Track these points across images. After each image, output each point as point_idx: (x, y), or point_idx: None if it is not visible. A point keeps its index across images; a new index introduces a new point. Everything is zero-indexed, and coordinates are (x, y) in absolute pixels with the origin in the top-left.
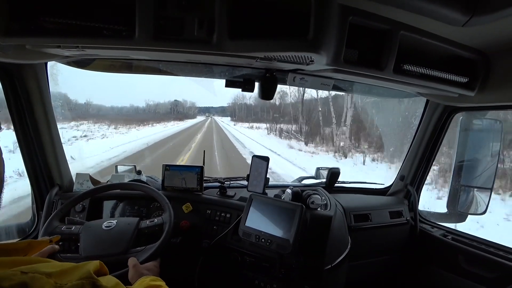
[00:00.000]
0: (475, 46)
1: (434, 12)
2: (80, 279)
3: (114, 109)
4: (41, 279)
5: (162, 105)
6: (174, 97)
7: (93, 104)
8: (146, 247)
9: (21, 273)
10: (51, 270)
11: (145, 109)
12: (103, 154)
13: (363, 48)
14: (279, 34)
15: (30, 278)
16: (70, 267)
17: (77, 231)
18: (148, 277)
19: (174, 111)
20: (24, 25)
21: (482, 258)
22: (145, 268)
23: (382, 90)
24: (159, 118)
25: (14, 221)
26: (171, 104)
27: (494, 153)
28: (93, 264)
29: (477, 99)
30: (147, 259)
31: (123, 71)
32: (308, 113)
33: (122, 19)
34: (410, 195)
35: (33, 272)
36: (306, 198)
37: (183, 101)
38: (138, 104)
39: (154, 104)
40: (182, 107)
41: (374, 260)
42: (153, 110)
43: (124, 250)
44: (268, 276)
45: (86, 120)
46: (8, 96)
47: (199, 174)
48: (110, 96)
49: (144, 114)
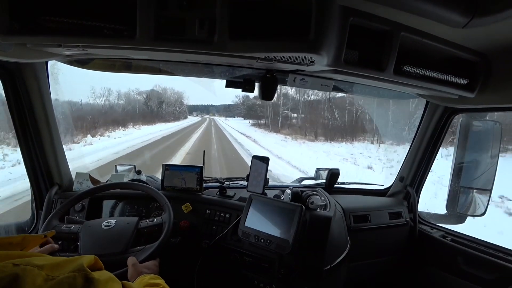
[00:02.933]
0: (475, 48)
1: (435, 13)
2: (73, 271)
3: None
4: (32, 271)
5: (130, 99)
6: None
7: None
8: (145, 247)
9: (13, 265)
10: (43, 263)
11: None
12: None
13: (363, 49)
14: (280, 34)
15: (21, 270)
16: (63, 260)
17: (76, 230)
18: (148, 275)
19: (151, 108)
20: (24, 24)
21: (481, 260)
22: (144, 267)
23: (381, 91)
24: (120, 120)
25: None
26: (147, 95)
27: (493, 155)
28: (87, 258)
29: (477, 101)
30: (146, 259)
31: (123, 71)
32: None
33: (123, 19)
34: (409, 196)
35: (25, 264)
36: (306, 199)
37: (168, 89)
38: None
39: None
40: (162, 102)
41: (373, 261)
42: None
43: (123, 249)
44: (267, 276)
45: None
46: (8, 95)
47: (198, 174)
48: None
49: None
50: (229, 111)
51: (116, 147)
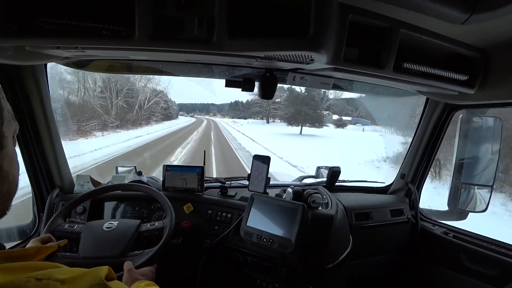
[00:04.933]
0: (475, 44)
1: (434, 10)
2: (93, 285)
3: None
4: (55, 286)
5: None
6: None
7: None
8: (144, 251)
9: (36, 280)
10: (64, 277)
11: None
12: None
13: (363, 47)
14: (279, 33)
15: (44, 285)
16: (81, 273)
17: (79, 229)
18: (143, 282)
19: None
20: (22, 26)
21: (483, 256)
22: (139, 273)
23: (381, 89)
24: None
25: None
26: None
27: (494, 151)
28: (104, 270)
29: (477, 97)
30: (143, 264)
31: (122, 72)
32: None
33: (121, 19)
34: (411, 193)
35: (47, 278)
36: (307, 197)
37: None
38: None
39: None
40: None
41: (375, 259)
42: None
43: (121, 252)
44: (270, 275)
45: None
46: (7, 98)
47: (199, 175)
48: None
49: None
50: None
51: None
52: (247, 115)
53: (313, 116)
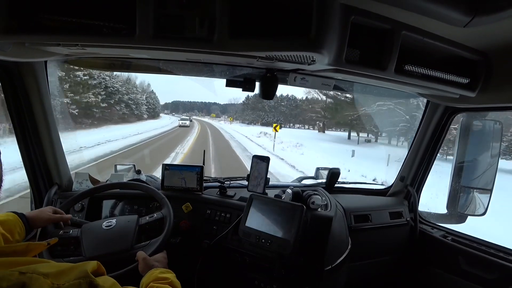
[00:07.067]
0: (477, 47)
1: (436, 12)
2: (77, 278)
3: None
4: (38, 279)
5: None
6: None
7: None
8: (151, 241)
9: (19, 274)
10: (49, 271)
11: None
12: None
13: (364, 48)
14: (281, 33)
15: (28, 278)
16: (67, 267)
17: (75, 234)
18: (158, 269)
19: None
20: (23, 23)
21: (482, 259)
22: (154, 259)
23: (382, 90)
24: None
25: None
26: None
27: (494, 154)
28: (91, 264)
29: (478, 100)
30: (155, 252)
31: (122, 70)
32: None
33: (122, 17)
34: (410, 196)
35: (31, 272)
36: (307, 199)
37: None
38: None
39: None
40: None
41: (374, 261)
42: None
43: (128, 246)
44: (268, 276)
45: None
46: (7, 95)
47: (199, 174)
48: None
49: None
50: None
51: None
52: (285, 119)
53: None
